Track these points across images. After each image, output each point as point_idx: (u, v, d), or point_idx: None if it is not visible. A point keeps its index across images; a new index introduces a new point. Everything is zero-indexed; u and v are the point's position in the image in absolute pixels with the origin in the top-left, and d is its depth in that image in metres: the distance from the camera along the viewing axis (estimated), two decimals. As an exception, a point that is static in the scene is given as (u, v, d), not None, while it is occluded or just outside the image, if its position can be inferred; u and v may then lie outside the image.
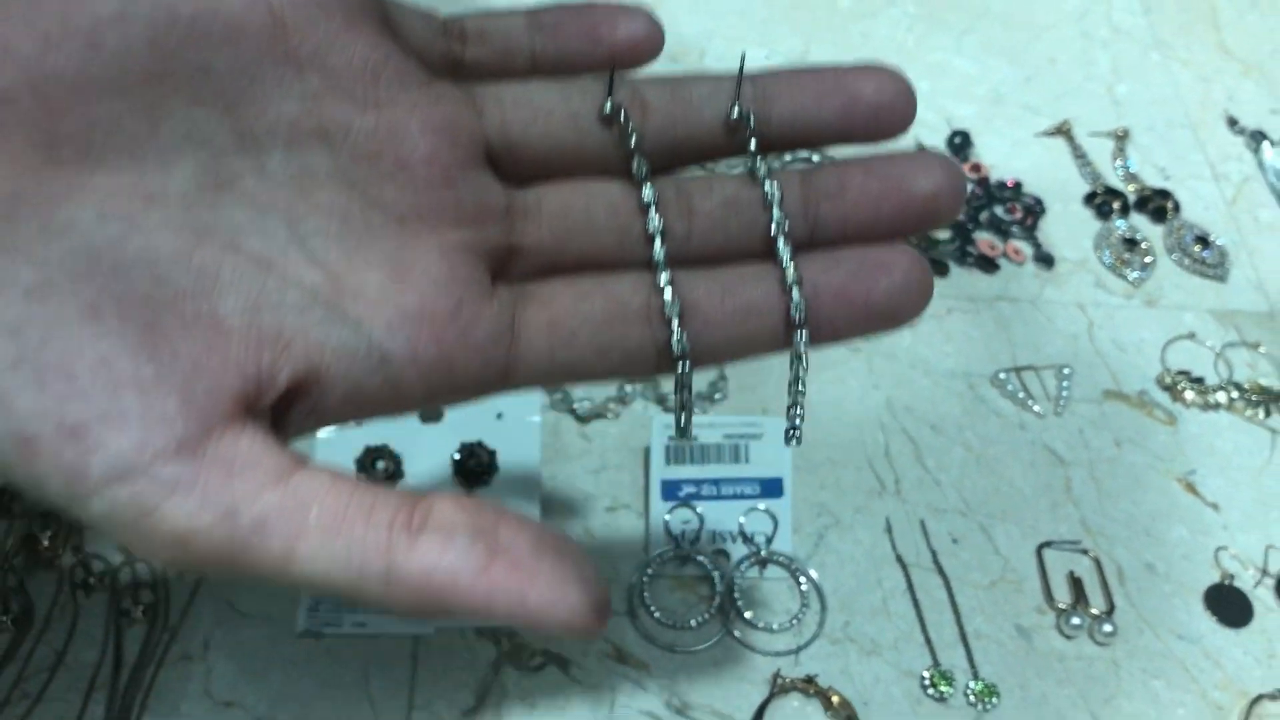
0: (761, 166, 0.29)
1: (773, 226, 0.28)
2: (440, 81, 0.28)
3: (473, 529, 0.24)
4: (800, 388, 0.29)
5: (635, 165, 0.29)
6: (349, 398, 0.26)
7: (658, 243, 0.28)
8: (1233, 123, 0.64)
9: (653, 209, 0.28)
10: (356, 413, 0.26)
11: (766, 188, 0.29)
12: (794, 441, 0.29)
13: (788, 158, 0.54)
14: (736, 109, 0.29)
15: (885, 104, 0.29)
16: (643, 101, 0.29)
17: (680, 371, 0.28)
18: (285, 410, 0.25)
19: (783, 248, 0.28)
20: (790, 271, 0.28)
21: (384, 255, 0.26)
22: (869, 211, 0.28)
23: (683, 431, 0.29)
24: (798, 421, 0.29)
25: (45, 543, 0.43)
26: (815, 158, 0.54)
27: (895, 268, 0.28)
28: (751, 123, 0.29)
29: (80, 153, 0.23)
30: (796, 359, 0.29)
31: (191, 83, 0.24)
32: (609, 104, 0.28)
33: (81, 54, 0.23)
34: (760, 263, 0.29)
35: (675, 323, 0.28)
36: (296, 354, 0.25)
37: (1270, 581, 0.47)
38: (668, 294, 0.28)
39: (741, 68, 0.29)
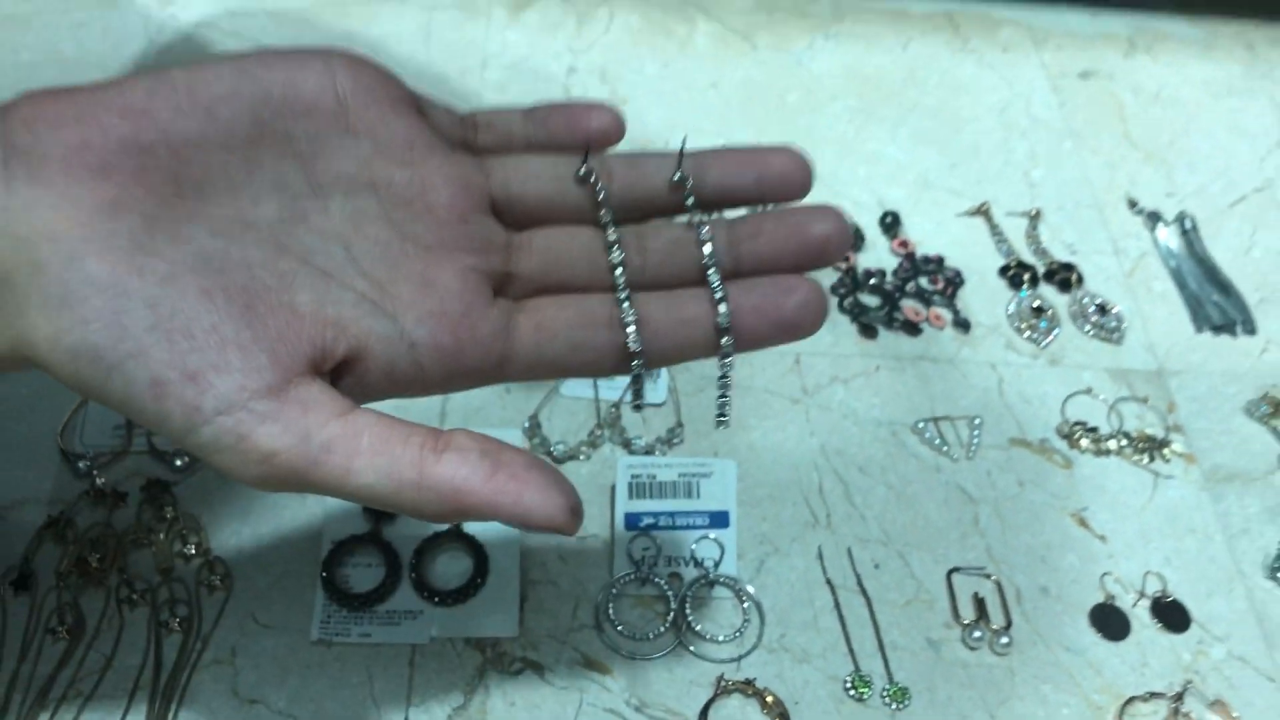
0: (697, 217, 0.38)
1: (705, 260, 0.38)
2: (459, 152, 0.38)
3: (481, 450, 0.33)
4: (727, 382, 0.39)
5: (602, 215, 0.38)
6: (386, 373, 0.35)
7: (619, 272, 0.38)
8: (1133, 204, 0.73)
9: (615, 248, 0.38)
10: (391, 388, 0.35)
11: (702, 232, 0.38)
12: (724, 425, 0.40)
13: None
14: (678, 175, 0.38)
15: (789, 174, 0.39)
16: (609, 170, 0.39)
17: (635, 364, 0.37)
18: (338, 379, 0.34)
19: (713, 276, 0.38)
20: (718, 293, 0.37)
21: (415, 273, 0.36)
22: (778, 250, 0.38)
23: (638, 407, 0.40)
24: (725, 409, 0.39)
25: (95, 564, 0.51)
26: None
27: (799, 290, 0.37)
28: (689, 186, 0.39)
29: (198, 190, 0.33)
30: (724, 361, 0.38)
31: (278, 144, 0.35)
32: (583, 170, 0.38)
33: (202, 121, 0.33)
34: (697, 288, 0.38)
35: (631, 329, 0.37)
36: (349, 335, 0.34)
37: (1146, 602, 0.54)
38: (625, 307, 0.37)
39: (682, 147, 0.39)
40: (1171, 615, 0.54)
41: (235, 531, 0.53)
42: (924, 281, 0.66)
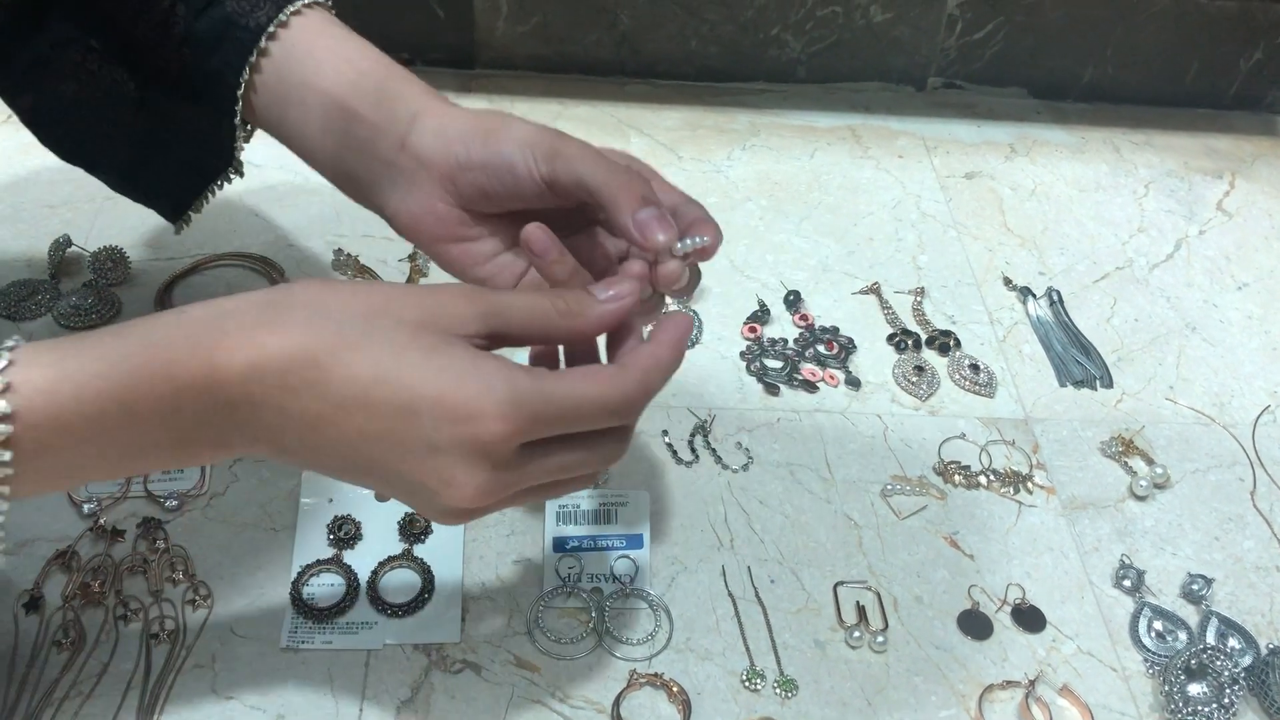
0: None
1: None
2: None
3: None
4: None
5: None
6: None
7: None
8: (1008, 281, 0.84)
9: None
10: None
11: None
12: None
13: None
14: None
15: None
16: None
17: None
18: None
19: None
20: None
21: None
22: None
23: None
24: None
25: (96, 588, 0.59)
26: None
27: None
28: None
29: None
30: None
31: None
32: None
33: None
34: None
35: None
36: None
37: (1008, 608, 0.63)
38: None
39: None
40: (1029, 618, 0.62)
41: (218, 560, 0.61)
42: (820, 348, 0.76)
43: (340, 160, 0.55)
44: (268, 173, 0.85)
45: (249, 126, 0.59)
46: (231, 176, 0.63)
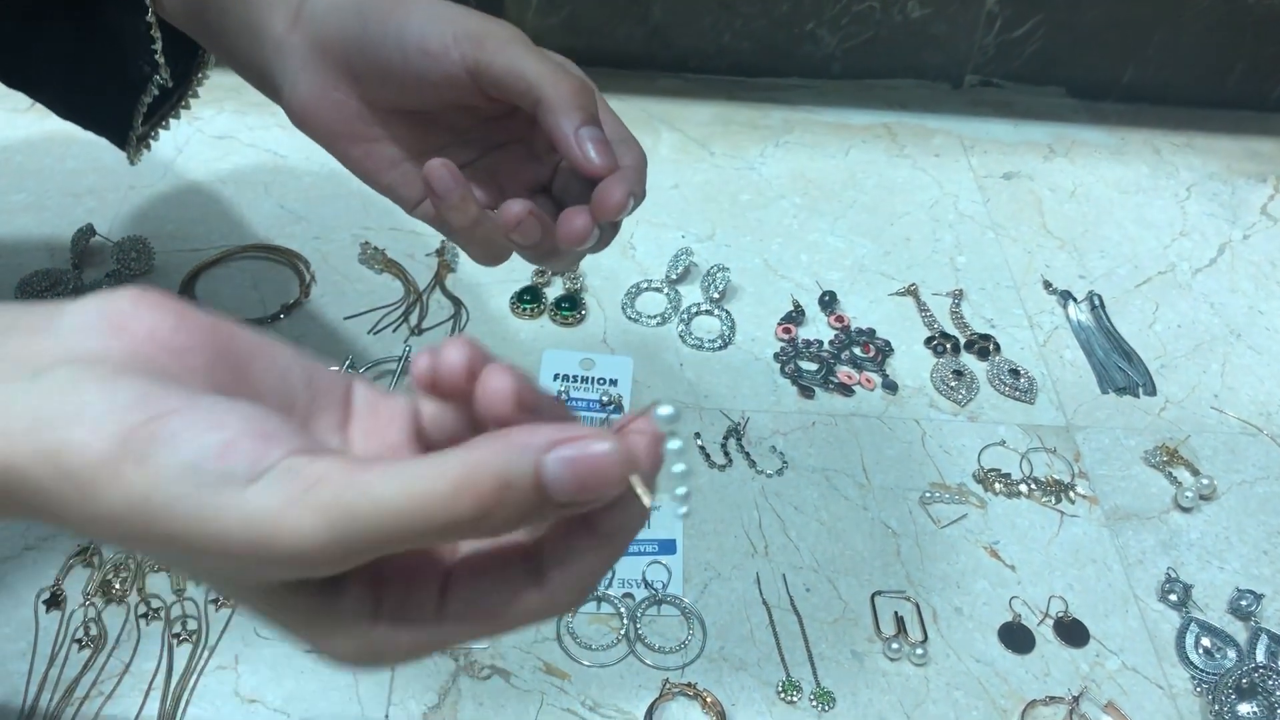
0: None
1: None
2: None
3: None
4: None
5: None
6: None
7: None
8: (1048, 285, 0.82)
9: None
10: None
11: None
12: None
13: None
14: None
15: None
16: None
17: None
18: None
19: None
20: None
21: None
22: None
23: None
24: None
25: (117, 585, 0.58)
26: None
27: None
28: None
29: None
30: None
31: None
32: None
33: None
34: None
35: None
36: None
37: (1050, 621, 0.61)
38: None
39: None
40: (1072, 632, 0.60)
41: (241, 558, 0.60)
42: (856, 350, 0.74)
43: (241, 50, 0.48)
44: (294, 163, 0.84)
45: (207, 57, 0.58)
46: (162, 93, 0.57)
